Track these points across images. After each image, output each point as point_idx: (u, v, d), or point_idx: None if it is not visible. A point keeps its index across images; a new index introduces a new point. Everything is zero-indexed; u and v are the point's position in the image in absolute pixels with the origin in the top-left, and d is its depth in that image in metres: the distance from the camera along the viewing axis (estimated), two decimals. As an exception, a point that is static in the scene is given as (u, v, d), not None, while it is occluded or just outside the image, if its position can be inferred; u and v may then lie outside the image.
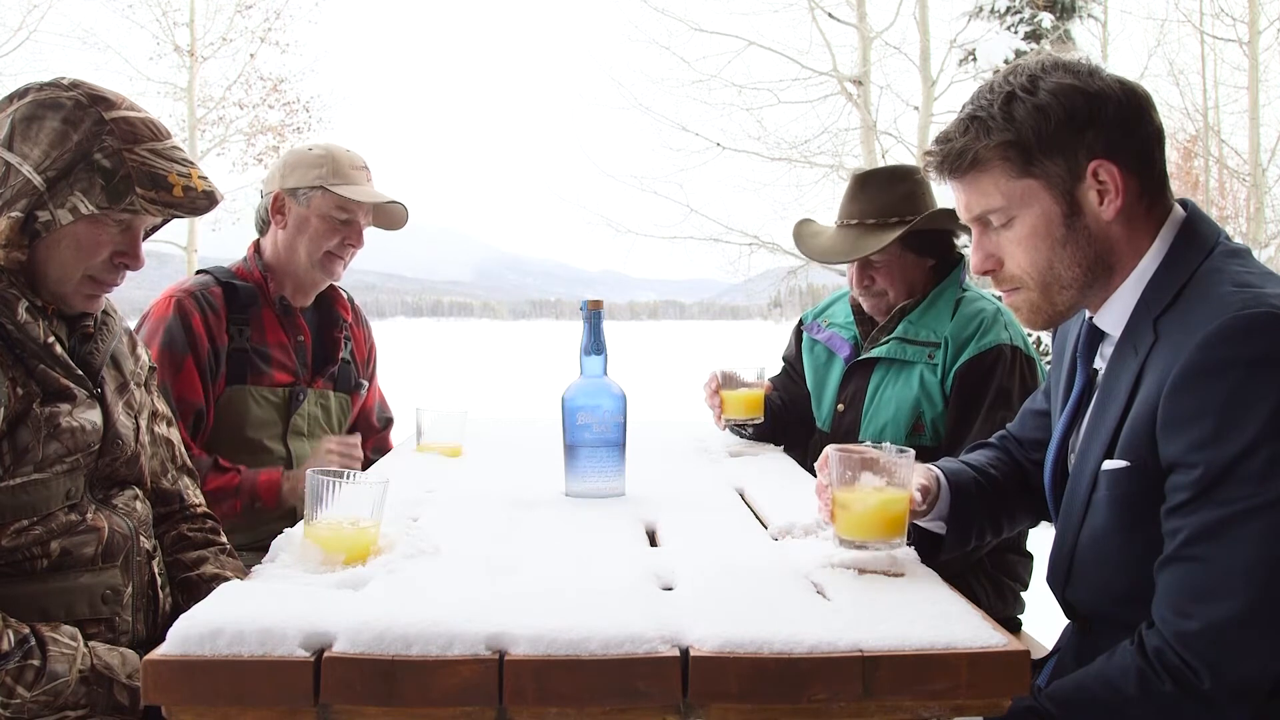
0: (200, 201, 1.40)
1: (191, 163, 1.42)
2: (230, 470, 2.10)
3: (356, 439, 2.23)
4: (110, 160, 1.34)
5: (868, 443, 1.32)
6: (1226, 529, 1.13)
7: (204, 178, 1.42)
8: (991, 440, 1.71)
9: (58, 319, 1.42)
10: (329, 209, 2.25)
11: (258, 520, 2.12)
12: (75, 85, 1.38)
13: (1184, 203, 1.34)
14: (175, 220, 1.52)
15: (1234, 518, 1.13)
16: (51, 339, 1.38)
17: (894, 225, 2.19)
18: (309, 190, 2.26)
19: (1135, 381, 1.26)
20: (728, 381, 2.31)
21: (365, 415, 2.52)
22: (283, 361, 2.25)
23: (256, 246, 2.35)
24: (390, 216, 2.37)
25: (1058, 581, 1.40)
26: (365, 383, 2.48)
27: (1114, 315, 1.34)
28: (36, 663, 1.23)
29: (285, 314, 2.29)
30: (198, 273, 2.27)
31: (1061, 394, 1.48)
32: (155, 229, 1.52)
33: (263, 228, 2.34)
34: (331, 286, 2.41)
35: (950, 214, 2.14)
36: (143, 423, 1.52)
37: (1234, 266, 1.25)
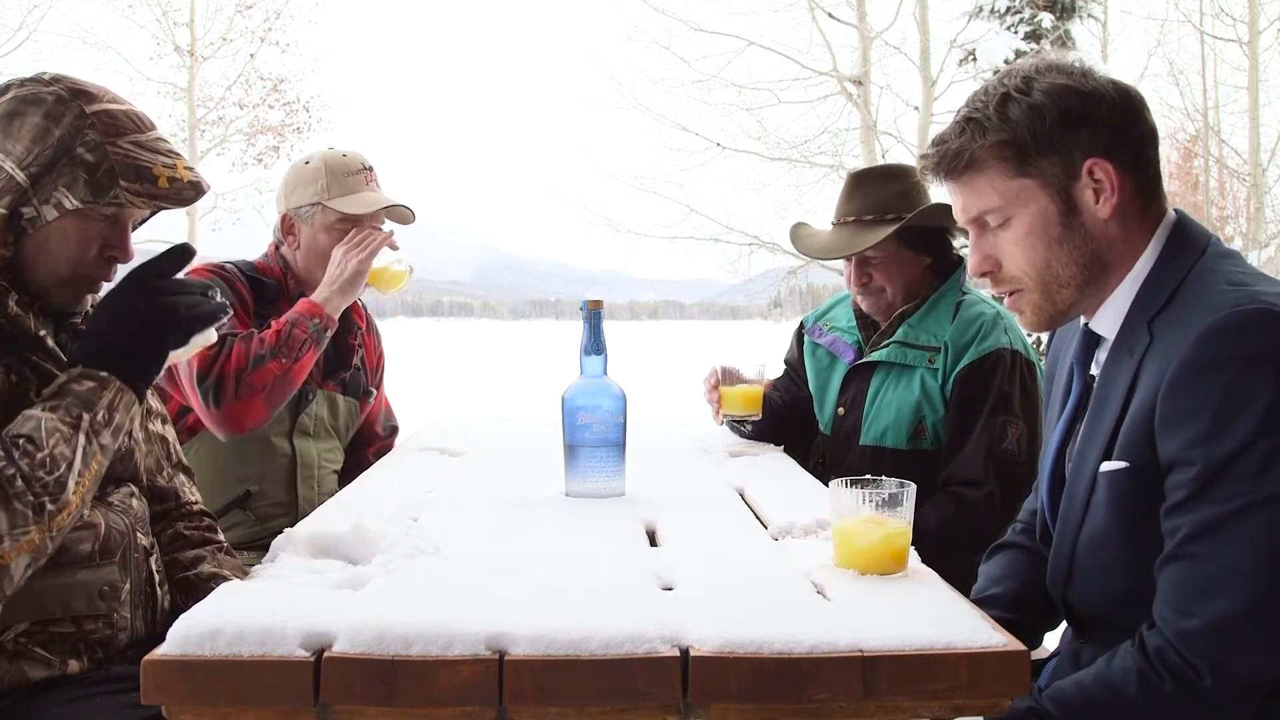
0: (187, 192, 1.39)
1: (177, 153, 1.41)
2: (269, 324, 2.10)
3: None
4: (93, 154, 1.33)
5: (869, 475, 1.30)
6: (1225, 526, 1.14)
7: (190, 168, 1.41)
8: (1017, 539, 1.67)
9: (45, 314, 1.41)
10: (331, 224, 2.25)
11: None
12: (56, 80, 1.37)
13: (1174, 210, 1.35)
14: (173, 220, 1.52)
15: (1232, 514, 1.13)
16: (43, 332, 1.38)
17: (889, 221, 2.19)
18: (309, 208, 2.26)
19: (1131, 382, 1.26)
20: (727, 377, 2.32)
21: (370, 423, 2.52)
22: None
23: (278, 245, 2.35)
24: (398, 214, 2.37)
25: (1057, 584, 1.40)
26: (374, 390, 2.48)
27: (1109, 318, 1.34)
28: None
29: None
30: (223, 263, 2.28)
31: (1058, 401, 1.48)
32: (143, 221, 1.52)
33: (279, 245, 2.34)
34: None
35: (946, 210, 2.14)
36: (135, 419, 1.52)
37: (1226, 266, 1.26)
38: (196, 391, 2.00)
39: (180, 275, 1.41)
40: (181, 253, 1.40)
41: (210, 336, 1.44)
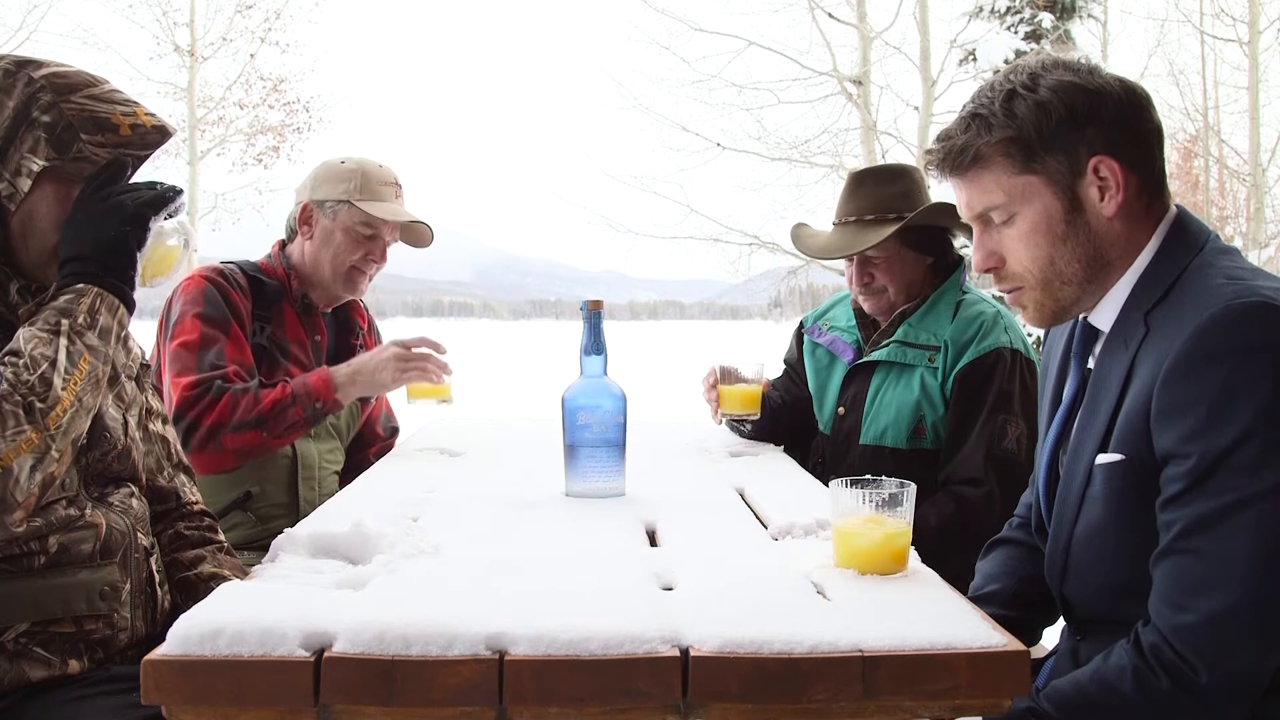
0: (151, 136, 1.40)
1: (135, 101, 1.41)
2: (278, 383, 2.10)
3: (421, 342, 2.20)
4: (49, 114, 1.33)
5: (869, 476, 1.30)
6: (1220, 520, 1.14)
7: (151, 114, 1.41)
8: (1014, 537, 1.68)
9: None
10: (354, 224, 2.27)
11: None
12: (1, 57, 1.38)
13: (1175, 205, 1.35)
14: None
15: (1228, 509, 1.13)
16: None
17: (892, 220, 2.19)
18: (336, 204, 2.27)
19: (1127, 375, 1.26)
20: (726, 376, 2.32)
21: (371, 423, 2.53)
22: (300, 359, 2.26)
23: (282, 245, 2.36)
24: (416, 235, 2.39)
25: (1054, 577, 1.40)
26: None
27: (1108, 312, 1.34)
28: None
29: (306, 313, 2.31)
30: (223, 263, 2.28)
31: (1051, 395, 1.48)
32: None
33: (290, 235, 2.35)
34: None
35: (948, 209, 2.14)
36: (132, 418, 1.52)
37: (1224, 262, 1.26)
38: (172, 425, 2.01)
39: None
40: (115, 165, 1.39)
41: (184, 230, 1.43)
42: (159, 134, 1.41)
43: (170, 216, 1.41)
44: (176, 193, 1.41)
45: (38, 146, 1.33)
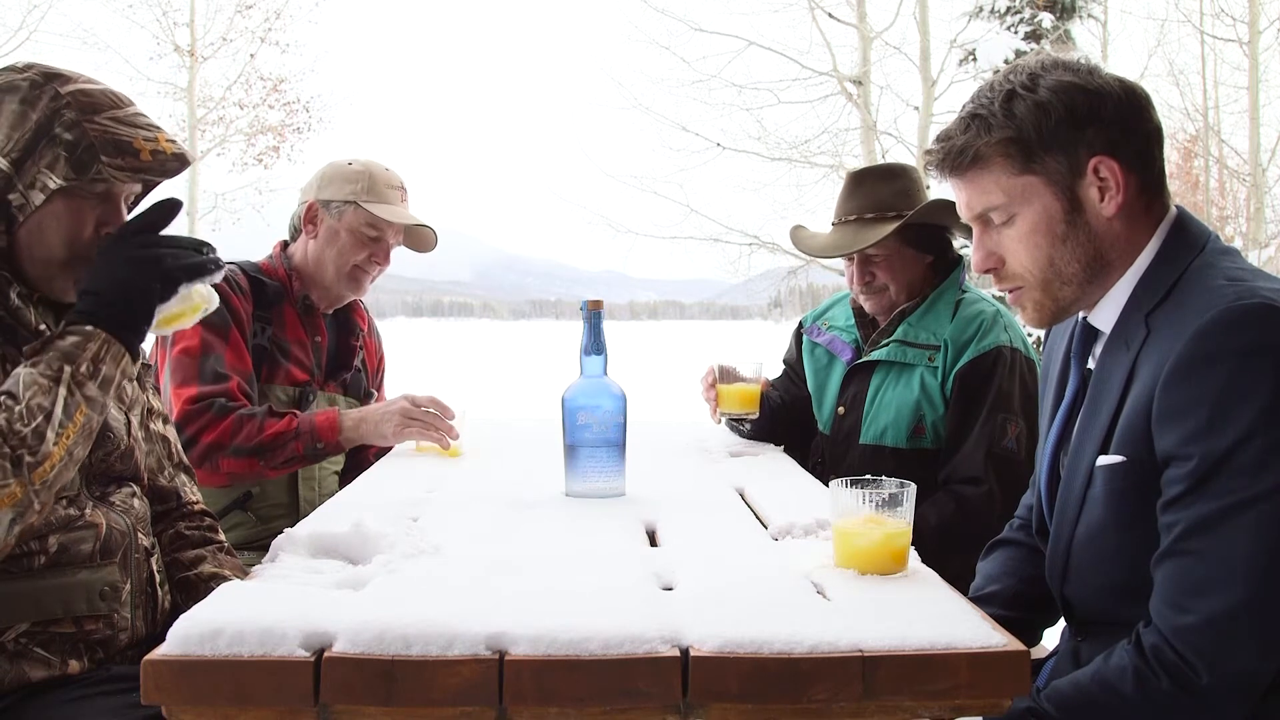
0: (170, 164, 1.39)
1: (157, 126, 1.41)
2: (286, 414, 2.10)
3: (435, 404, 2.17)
4: (71, 132, 1.33)
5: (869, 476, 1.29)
6: (1221, 522, 1.14)
7: (172, 140, 1.40)
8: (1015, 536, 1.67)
9: (44, 307, 1.41)
10: (359, 225, 2.28)
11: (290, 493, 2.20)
12: (30, 66, 1.37)
13: (1175, 206, 1.35)
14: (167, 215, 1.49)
15: (1228, 510, 1.13)
16: (43, 326, 1.37)
17: (891, 219, 2.19)
18: (342, 204, 2.28)
19: (1128, 376, 1.26)
20: (725, 376, 2.32)
21: None
22: (300, 359, 2.27)
23: (284, 246, 2.37)
24: (420, 239, 2.40)
25: (1055, 577, 1.40)
26: (374, 392, 2.50)
27: (1108, 313, 1.34)
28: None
29: (307, 313, 2.31)
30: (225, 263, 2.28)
31: (1053, 395, 1.48)
32: (139, 197, 1.50)
33: (294, 234, 2.36)
34: None
35: (948, 207, 2.14)
36: (134, 418, 1.52)
37: (1225, 263, 1.26)
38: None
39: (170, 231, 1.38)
40: (166, 207, 1.37)
41: (209, 297, 1.42)
42: (178, 162, 1.40)
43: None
44: (218, 265, 1.39)
45: (56, 164, 1.32)
